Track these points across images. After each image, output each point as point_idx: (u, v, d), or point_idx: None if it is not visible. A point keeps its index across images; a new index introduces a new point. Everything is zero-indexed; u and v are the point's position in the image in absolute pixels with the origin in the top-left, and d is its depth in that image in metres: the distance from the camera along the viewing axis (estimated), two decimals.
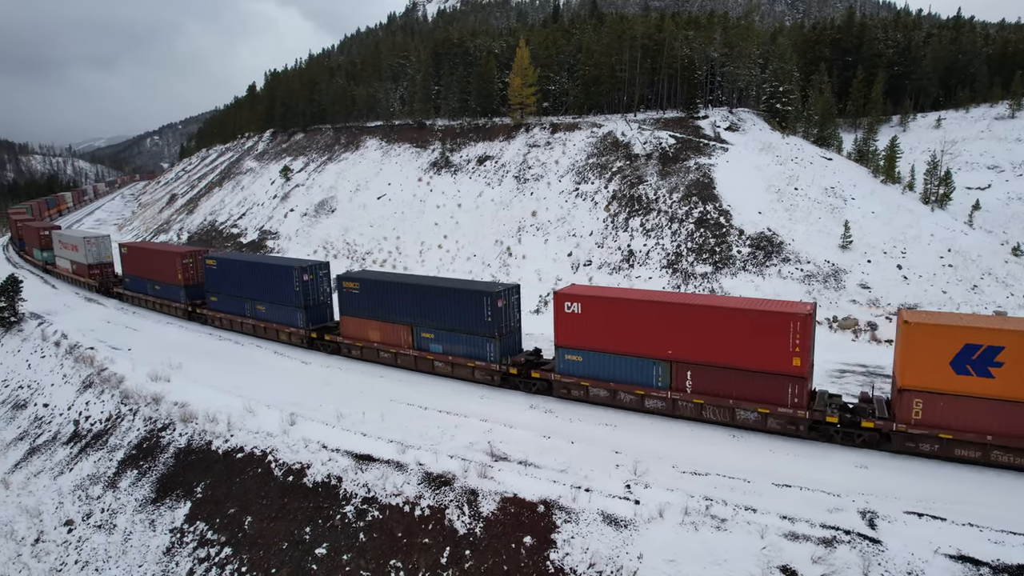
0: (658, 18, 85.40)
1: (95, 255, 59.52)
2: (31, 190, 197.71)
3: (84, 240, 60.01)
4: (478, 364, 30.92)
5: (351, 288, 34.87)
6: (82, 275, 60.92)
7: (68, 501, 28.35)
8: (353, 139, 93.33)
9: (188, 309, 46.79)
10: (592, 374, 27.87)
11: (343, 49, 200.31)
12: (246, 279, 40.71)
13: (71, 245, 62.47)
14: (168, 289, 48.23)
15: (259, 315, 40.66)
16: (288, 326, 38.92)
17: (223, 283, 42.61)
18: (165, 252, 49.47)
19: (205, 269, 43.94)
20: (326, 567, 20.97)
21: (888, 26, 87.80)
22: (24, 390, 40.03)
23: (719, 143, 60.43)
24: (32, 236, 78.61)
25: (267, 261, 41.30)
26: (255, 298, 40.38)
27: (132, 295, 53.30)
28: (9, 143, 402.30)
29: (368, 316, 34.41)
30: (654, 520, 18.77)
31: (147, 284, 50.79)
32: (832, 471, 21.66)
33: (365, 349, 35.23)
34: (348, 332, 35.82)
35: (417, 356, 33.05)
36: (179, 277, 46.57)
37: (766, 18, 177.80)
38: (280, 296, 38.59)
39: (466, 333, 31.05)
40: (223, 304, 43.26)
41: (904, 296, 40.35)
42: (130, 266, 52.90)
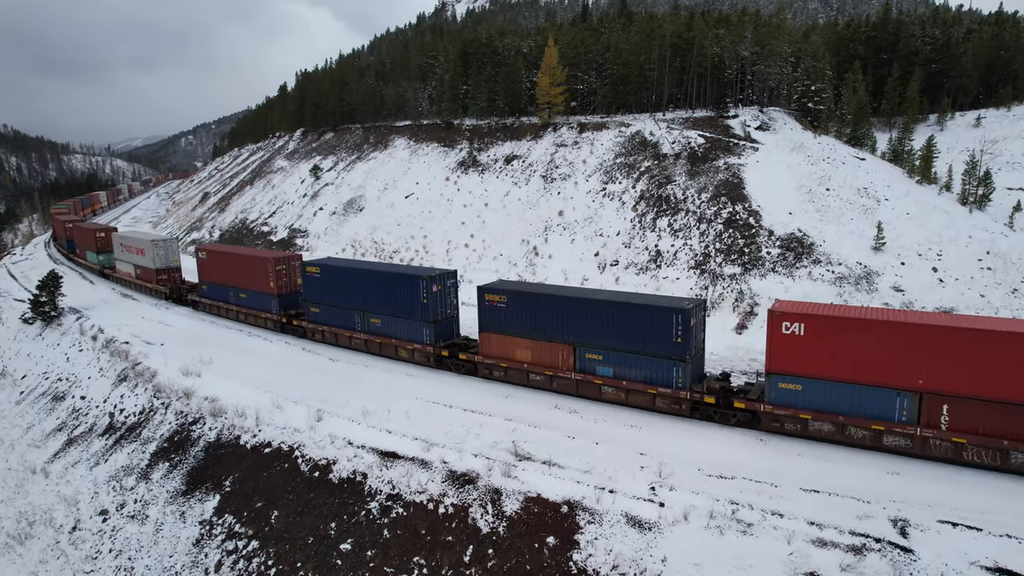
0: (688, 16, 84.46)
1: (163, 259, 55.57)
2: (71, 189, 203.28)
3: (152, 243, 55.92)
4: (662, 391, 26.91)
5: (496, 301, 31.05)
6: (148, 280, 57.03)
7: (103, 491, 29.11)
8: (382, 138, 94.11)
9: (281, 321, 42.82)
10: (814, 405, 23.90)
11: (373, 49, 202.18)
12: (358, 289, 36.98)
13: (136, 248, 58.47)
14: (256, 298, 44.14)
15: (373, 329, 36.85)
16: (411, 342, 35.04)
17: (327, 292, 38.76)
18: (254, 257, 45.15)
19: (304, 277, 40.10)
20: (351, 562, 21.19)
21: (926, 23, 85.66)
22: (62, 383, 41.19)
23: (749, 143, 59.59)
24: (86, 238, 73.77)
25: (387, 269, 37.06)
26: (369, 310, 36.59)
27: (210, 304, 49.20)
28: (52, 143, 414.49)
29: (517, 333, 30.61)
30: (679, 523, 18.61)
31: (229, 292, 46.57)
32: (863, 477, 21.25)
33: (511, 371, 31.27)
34: (489, 350, 31.96)
35: (580, 380, 29.08)
36: (271, 285, 42.44)
37: (798, 16, 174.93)
38: (402, 308, 34.75)
39: (649, 355, 27.09)
40: (326, 316, 39.37)
41: (940, 299, 39.34)
42: (209, 272, 48.52)
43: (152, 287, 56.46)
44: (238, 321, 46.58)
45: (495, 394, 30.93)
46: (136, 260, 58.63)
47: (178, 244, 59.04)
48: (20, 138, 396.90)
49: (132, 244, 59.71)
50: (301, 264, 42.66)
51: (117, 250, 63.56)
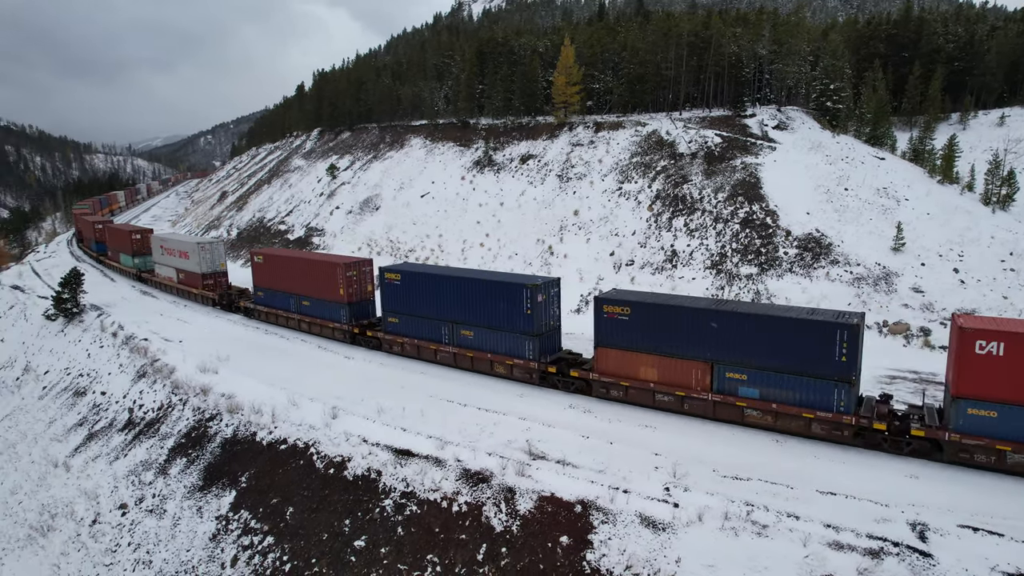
0: (705, 15, 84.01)
1: (209, 263, 52.47)
2: (93, 188, 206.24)
3: (198, 246, 52.66)
4: (820, 416, 23.96)
5: (617, 313, 28.10)
6: (193, 285, 54.05)
7: (122, 485, 29.52)
8: (398, 138, 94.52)
9: (352, 331, 39.55)
10: (1014, 435, 21.29)
11: (389, 49, 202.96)
12: (446, 298, 33.89)
13: (179, 251, 55.28)
14: (323, 306, 40.84)
15: (464, 342, 33.68)
16: (510, 357, 31.78)
17: (408, 301, 35.59)
18: (322, 263, 41.25)
19: (384, 285, 36.59)
20: (364, 559, 21.31)
21: (948, 20, 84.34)
22: (83, 378, 41.83)
23: (766, 142, 59.09)
24: (120, 239, 69.99)
25: (483, 277, 33.40)
26: (459, 321, 33.46)
27: (267, 311, 45.83)
28: (75, 143, 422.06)
29: (640, 348, 27.64)
30: (693, 524, 18.50)
31: (290, 299, 43.34)
32: (880, 480, 20.99)
33: (633, 390, 28.15)
34: (607, 367, 28.78)
35: (718, 402, 26.21)
36: (340, 292, 39.12)
37: (818, 14, 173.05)
38: (500, 320, 31.61)
39: (807, 376, 24.14)
40: (407, 327, 36.13)
41: (961, 301, 38.75)
42: (265, 277, 45.38)
43: (198, 292, 53.36)
44: (299, 331, 43.42)
45: (510, 393, 30.91)
46: (179, 264, 55.50)
47: (223, 247, 55.61)
48: (44, 138, 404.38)
49: (175, 247, 56.39)
50: (371, 270, 40.11)
51: (157, 253, 60.39)
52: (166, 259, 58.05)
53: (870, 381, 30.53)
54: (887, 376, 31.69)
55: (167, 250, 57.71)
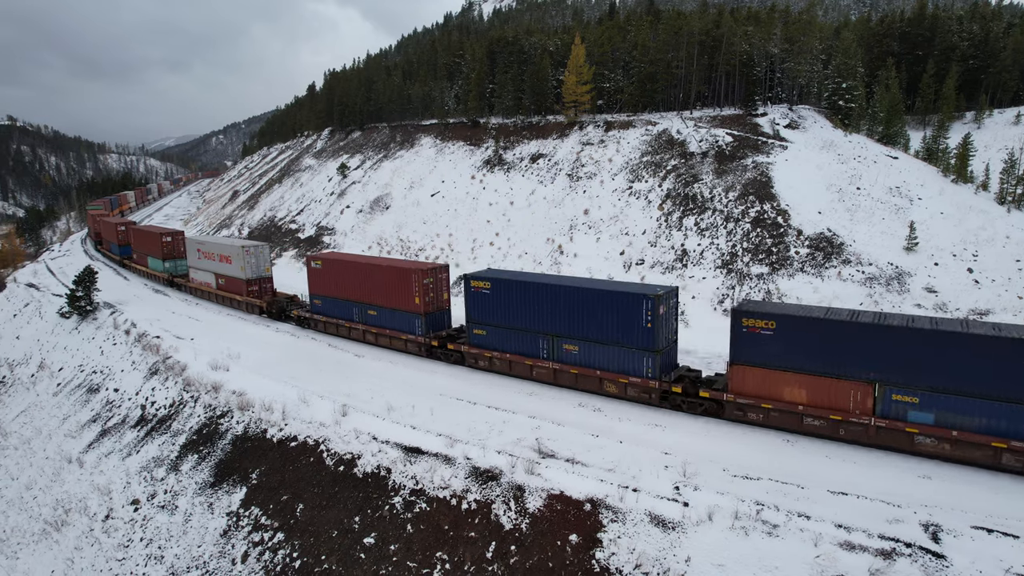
0: (716, 14, 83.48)
1: (254, 268, 48.86)
2: (107, 187, 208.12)
3: (242, 250, 48.71)
4: (1015, 445, 20.82)
5: (759, 327, 25.11)
6: (235, 292, 50.29)
7: (135, 481, 29.78)
8: (408, 137, 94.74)
9: (430, 344, 36.22)
10: None
11: (400, 49, 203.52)
12: (546, 308, 30.70)
13: (219, 255, 51.58)
14: (393, 316, 37.62)
15: (567, 357, 30.37)
16: (623, 374, 28.58)
17: (499, 312, 32.51)
18: (394, 268, 37.29)
19: (469, 293, 33.39)
20: (374, 556, 21.38)
21: (963, 17, 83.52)
22: (97, 375, 42.23)
23: (778, 141, 58.74)
24: (148, 242, 65.97)
25: (592, 285, 30.25)
26: (561, 334, 30.24)
27: (325, 321, 42.24)
28: (89, 143, 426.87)
29: (787, 367, 24.82)
30: (703, 523, 18.43)
31: (353, 308, 40.06)
32: (893, 480, 20.83)
33: (776, 412, 25.27)
34: (743, 387, 25.77)
35: (882, 427, 23.15)
36: (416, 302, 35.98)
37: (830, 12, 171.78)
38: (613, 333, 28.52)
39: (999, 400, 21.08)
40: (497, 340, 32.98)
41: (975, 301, 38.37)
42: (323, 284, 41.80)
43: (243, 300, 49.54)
44: (364, 342, 40.08)
45: (519, 391, 30.89)
46: (219, 269, 51.87)
47: (268, 251, 51.77)
48: (59, 138, 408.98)
49: (214, 250, 52.52)
50: (447, 277, 37.40)
51: (192, 256, 56.53)
52: (203, 263, 54.29)
53: None
54: None
55: (205, 254, 53.89)
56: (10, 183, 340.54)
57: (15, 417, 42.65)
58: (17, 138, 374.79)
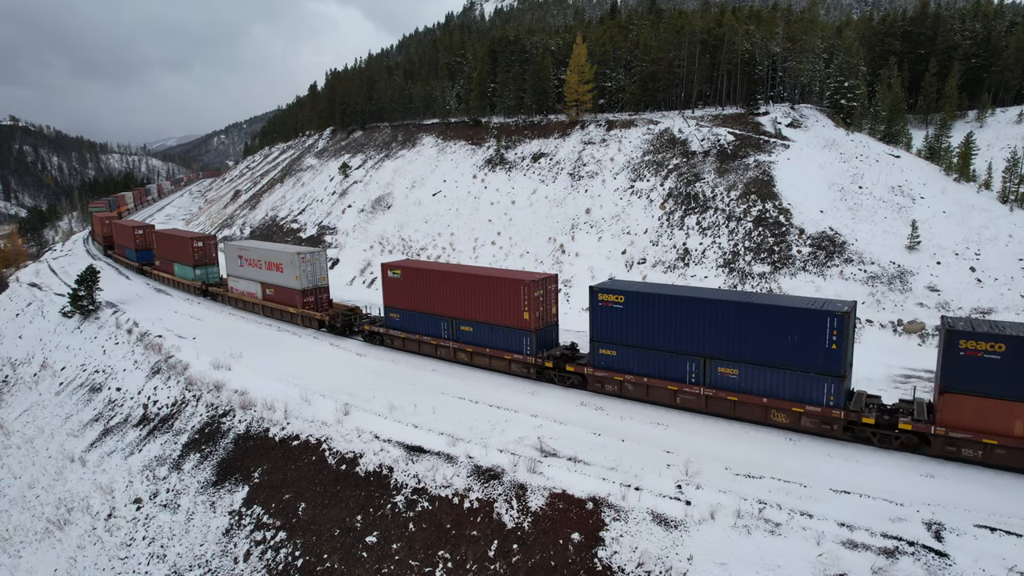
0: (718, 13, 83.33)
1: (310, 277, 44.15)
2: (109, 187, 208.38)
3: (297, 257, 43.52)
4: None
5: (982, 350, 21.39)
6: (288, 304, 45.04)
7: (137, 480, 29.82)
8: (410, 136, 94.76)
9: (541, 365, 31.84)
10: None
11: (401, 48, 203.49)
12: (697, 326, 26.61)
13: (267, 263, 46.44)
14: (495, 333, 33.05)
15: (724, 383, 26.22)
16: (797, 403, 24.61)
17: (634, 329, 28.20)
18: (498, 279, 32.77)
19: (595, 308, 29.10)
20: (376, 555, 21.39)
21: (966, 16, 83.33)
22: (99, 374, 42.28)
23: (780, 140, 58.67)
24: (175, 247, 60.04)
25: (760, 301, 26.02)
26: (716, 355, 26.22)
27: (404, 338, 37.65)
28: (91, 143, 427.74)
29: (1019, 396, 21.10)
30: (705, 522, 18.42)
31: (441, 324, 35.47)
32: (895, 479, 20.79)
33: (1002, 451, 21.74)
34: (959, 420, 22.21)
35: None
36: (526, 317, 31.50)
37: (832, 11, 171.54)
38: (786, 355, 24.65)
39: None
40: (631, 361, 28.59)
41: (977, 300, 38.30)
42: (403, 296, 37.21)
43: (297, 312, 44.40)
44: (454, 362, 35.56)
45: (522, 390, 30.88)
46: (267, 277, 46.84)
47: (326, 257, 47.15)
48: (61, 138, 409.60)
49: (262, 257, 47.25)
50: (556, 288, 33.45)
51: (231, 264, 51.15)
52: (247, 272, 49.03)
53: (884, 380, 30.29)
54: (901, 375, 31.38)
55: (249, 261, 48.48)
56: (12, 183, 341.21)
57: (18, 416, 42.72)
58: (19, 138, 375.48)
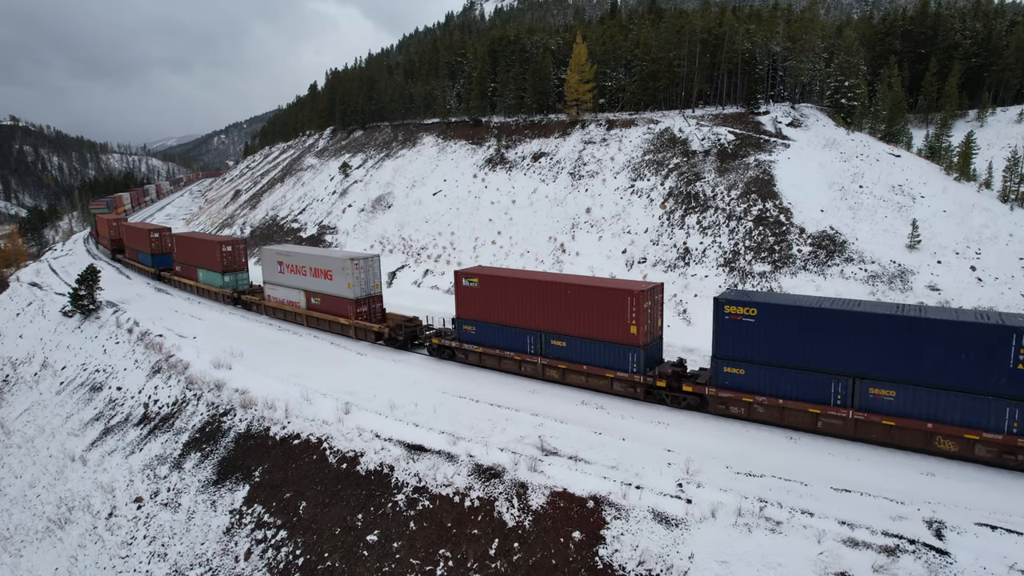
0: (718, 12, 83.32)
1: (363, 285, 40.50)
2: (110, 187, 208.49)
3: (351, 263, 39.84)
4: None
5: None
6: (339, 314, 41.26)
7: (138, 479, 29.83)
8: (410, 136, 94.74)
9: (649, 384, 28.56)
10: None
11: (402, 48, 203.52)
12: (848, 342, 23.77)
13: (313, 269, 42.74)
14: (594, 349, 29.68)
15: (879, 406, 23.41)
16: (971, 429, 21.96)
17: (770, 345, 25.30)
18: (598, 289, 29.51)
19: (721, 322, 26.32)
20: (377, 554, 21.39)
21: (966, 16, 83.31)
22: (100, 373, 42.28)
23: (780, 139, 58.65)
24: (200, 253, 55.90)
25: (926, 315, 23.14)
26: (873, 375, 23.40)
27: (482, 353, 34.44)
28: (91, 143, 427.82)
29: None
30: (706, 520, 18.43)
31: (527, 337, 32.17)
32: (896, 478, 20.81)
33: None
34: None
35: None
36: (632, 331, 28.21)
37: (832, 11, 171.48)
38: (958, 375, 21.98)
39: None
40: (764, 381, 25.60)
41: (978, 299, 38.30)
42: (479, 307, 33.94)
43: (350, 323, 40.70)
44: (541, 379, 32.17)
45: (522, 389, 30.91)
46: (313, 285, 43.22)
47: (380, 263, 43.12)
48: (61, 138, 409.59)
49: (308, 263, 43.53)
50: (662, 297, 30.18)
51: (269, 270, 47.18)
52: (288, 279, 45.36)
53: None
54: None
55: (291, 267, 44.86)
56: (13, 183, 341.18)
57: (18, 415, 42.73)
58: (20, 138, 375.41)
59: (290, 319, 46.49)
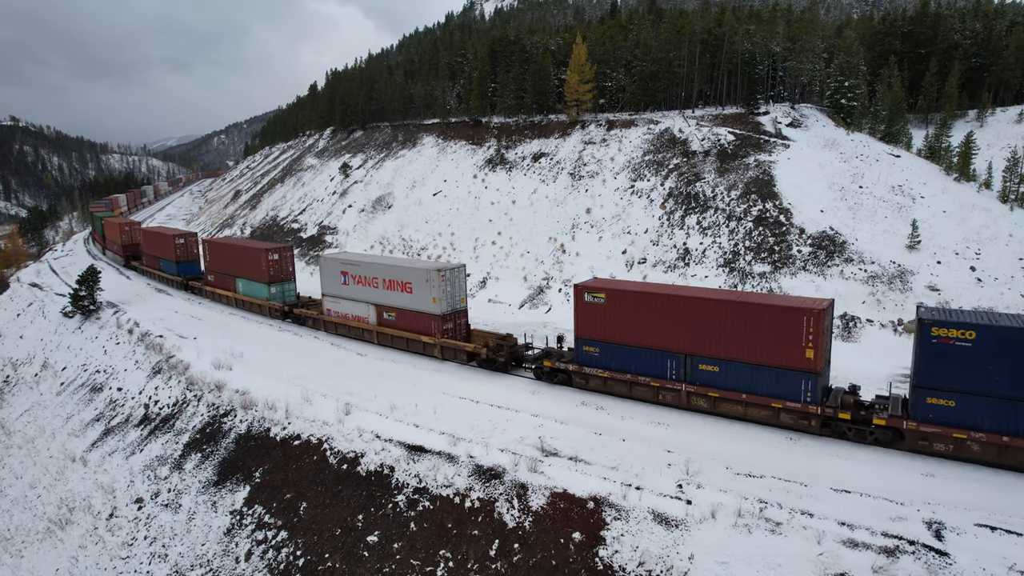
0: (718, 12, 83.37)
1: (450, 297, 36.24)
2: (110, 187, 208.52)
3: (438, 274, 35.37)
4: None
5: None
6: (420, 331, 36.75)
7: (139, 480, 29.86)
8: (410, 136, 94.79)
9: (828, 416, 24.25)
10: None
11: (402, 48, 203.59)
12: None
13: (388, 280, 38.06)
14: (756, 375, 25.44)
15: None
16: None
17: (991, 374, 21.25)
18: (765, 307, 25.27)
19: (930, 347, 21.86)
20: (377, 554, 21.42)
21: (966, 16, 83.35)
22: (100, 374, 42.31)
23: (780, 139, 58.69)
24: (240, 260, 50.21)
25: None
26: None
27: (607, 378, 29.55)
28: (91, 143, 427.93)
29: None
30: (706, 521, 18.45)
31: (668, 361, 27.51)
32: (896, 478, 20.82)
33: None
34: None
35: None
36: (808, 356, 24.20)
37: (832, 11, 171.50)
38: None
39: None
40: (983, 415, 21.55)
41: (977, 299, 38.34)
42: (605, 325, 29.35)
43: (435, 342, 35.99)
44: (687, 409, 27.63)
45: (522, 390, 30.97)
46: (387, 299, 38.43)
47: (466, 273, 39.23)
48: (61, 138, 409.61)
49: (381, 274, 38.62)
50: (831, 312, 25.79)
51: (330, 281, 42.12)
52: (354, 291, 40.46)
53: (884, 379, 30.29)
54: (901, 375, 31.39)
55: (359, 279, 40.00)
56: (13, 183, 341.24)
57: (19, 416, 42.77)
58: (20, 138, 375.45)
59: (355, 336, 41.36)
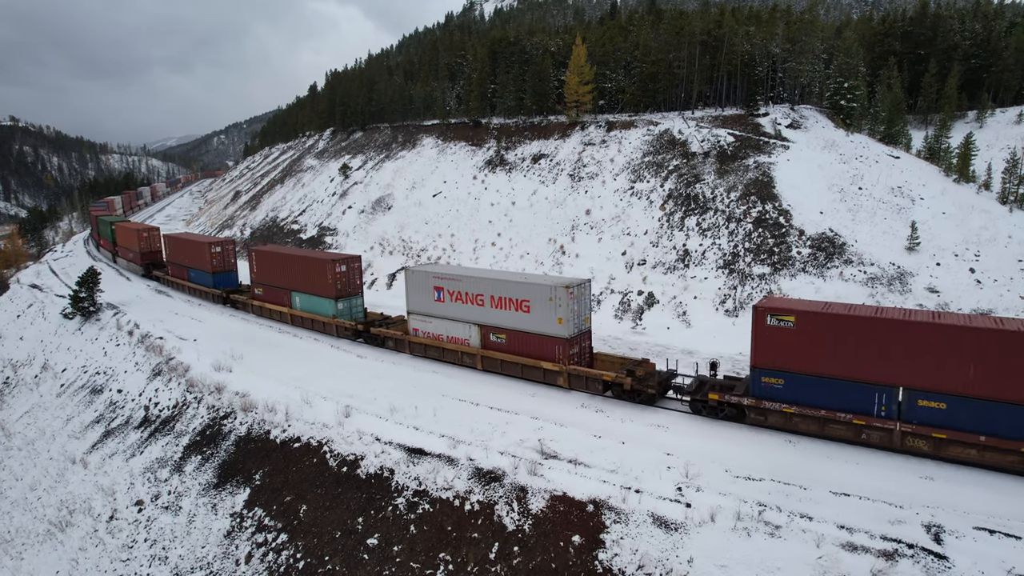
0: (718, 13, 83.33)
1: (576, 318, 31.25)
2: (110, 187, 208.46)
3: (565, 291, 30.27)
4: None
5: None
6: (540, 356, 31.70)
7: (139, 482, 29.88)
8: (410, 137, 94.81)
9: None
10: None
11: (401, 49, 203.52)
12: None
13: (500, 298, 32.93)
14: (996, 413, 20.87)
15: None
16: None
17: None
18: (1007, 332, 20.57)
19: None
20: (377, 557, 21.46)
21: (965, 16, 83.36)
22: (100, 376, 42.32)
23: (779, 141, 58.72)
24: (300, 272, 44.50)
25: None
26: None
27: (797, 414, 24.51)
28: (91, 143, 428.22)
29: None
30: (705, 524, 18.49)
31: (879, 395, 22.91)
32: (895, 481, 20.86)
33: None
34: None
35: None
36: None
37: (831, 12, 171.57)
38: None
39: None
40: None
41: (977, 301, 38.37)
42: (793, 353, 24.38)
43: (561, 369, 30.90)
44: (899, 451, 22.99)
45: (521, 392, 30.99)
46: (495, 319, 33.40)
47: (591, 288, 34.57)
48: (61, 138, 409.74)
49: (487, 290, 33.57)
50: None
51: (418, 297, 36.86)
52: (452, 309, 35.18)
53: None
54: None
55: (457, 295, 34.81)
56: (12, 183, 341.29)
57: (19, 418, 42.78)
58: (19, 138, 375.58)
59: (449, 359, 36.10)
